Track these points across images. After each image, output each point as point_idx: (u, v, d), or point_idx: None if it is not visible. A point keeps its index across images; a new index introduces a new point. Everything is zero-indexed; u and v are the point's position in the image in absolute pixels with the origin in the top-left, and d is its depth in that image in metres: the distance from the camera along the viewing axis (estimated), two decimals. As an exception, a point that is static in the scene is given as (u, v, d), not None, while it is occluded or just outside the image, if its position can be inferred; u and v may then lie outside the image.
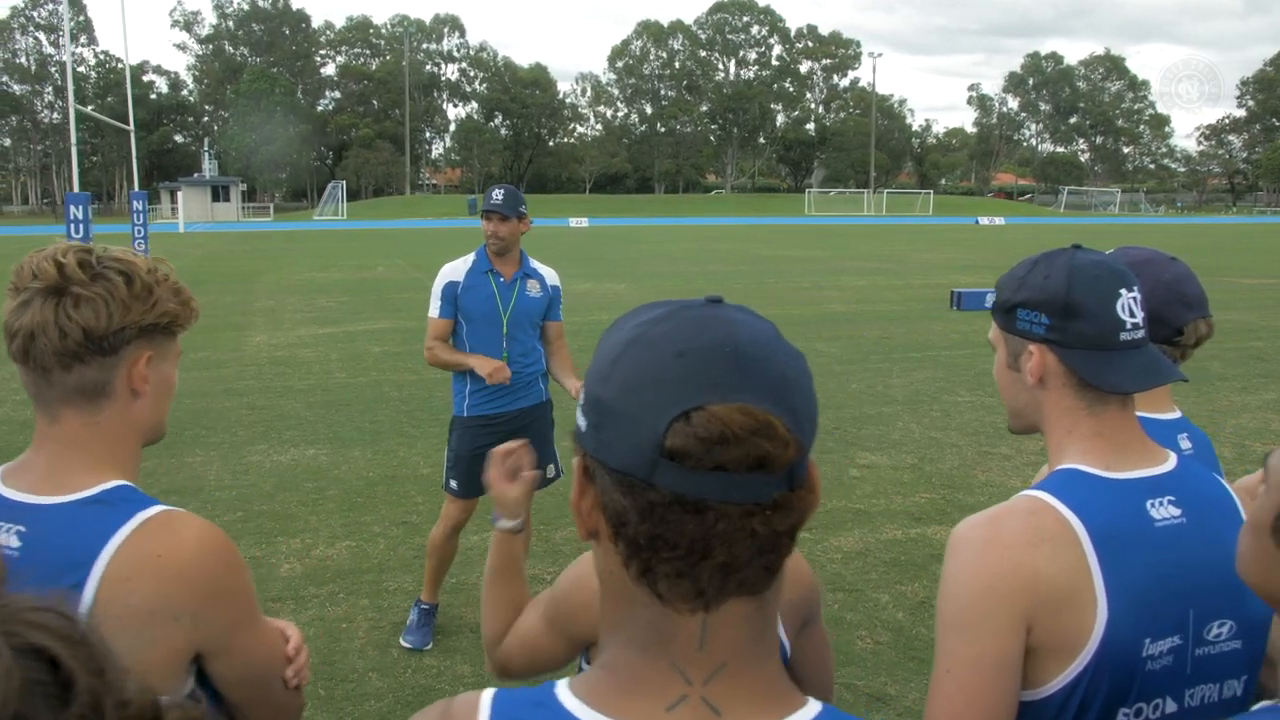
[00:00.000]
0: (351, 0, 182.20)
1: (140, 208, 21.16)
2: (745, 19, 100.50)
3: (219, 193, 68.01)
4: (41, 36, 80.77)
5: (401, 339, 12.86)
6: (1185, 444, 1.80)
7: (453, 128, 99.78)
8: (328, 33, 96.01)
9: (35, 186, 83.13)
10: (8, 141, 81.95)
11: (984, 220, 64.42)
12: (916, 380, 10.22)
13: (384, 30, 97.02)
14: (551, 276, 4.60)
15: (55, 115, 65.01)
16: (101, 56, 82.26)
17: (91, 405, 1.38)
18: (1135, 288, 1.41)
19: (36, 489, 1.36)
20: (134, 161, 24.06)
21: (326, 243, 38.45)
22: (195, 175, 70.95)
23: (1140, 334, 1.41)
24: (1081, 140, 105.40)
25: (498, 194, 4.39)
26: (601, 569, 0.85)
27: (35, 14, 79.60)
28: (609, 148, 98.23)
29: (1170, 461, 1.43)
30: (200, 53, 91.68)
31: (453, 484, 4.52)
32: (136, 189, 22.42)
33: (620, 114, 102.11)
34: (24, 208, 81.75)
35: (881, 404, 9.17)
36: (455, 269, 4.45)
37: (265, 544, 5.80)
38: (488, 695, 0.86)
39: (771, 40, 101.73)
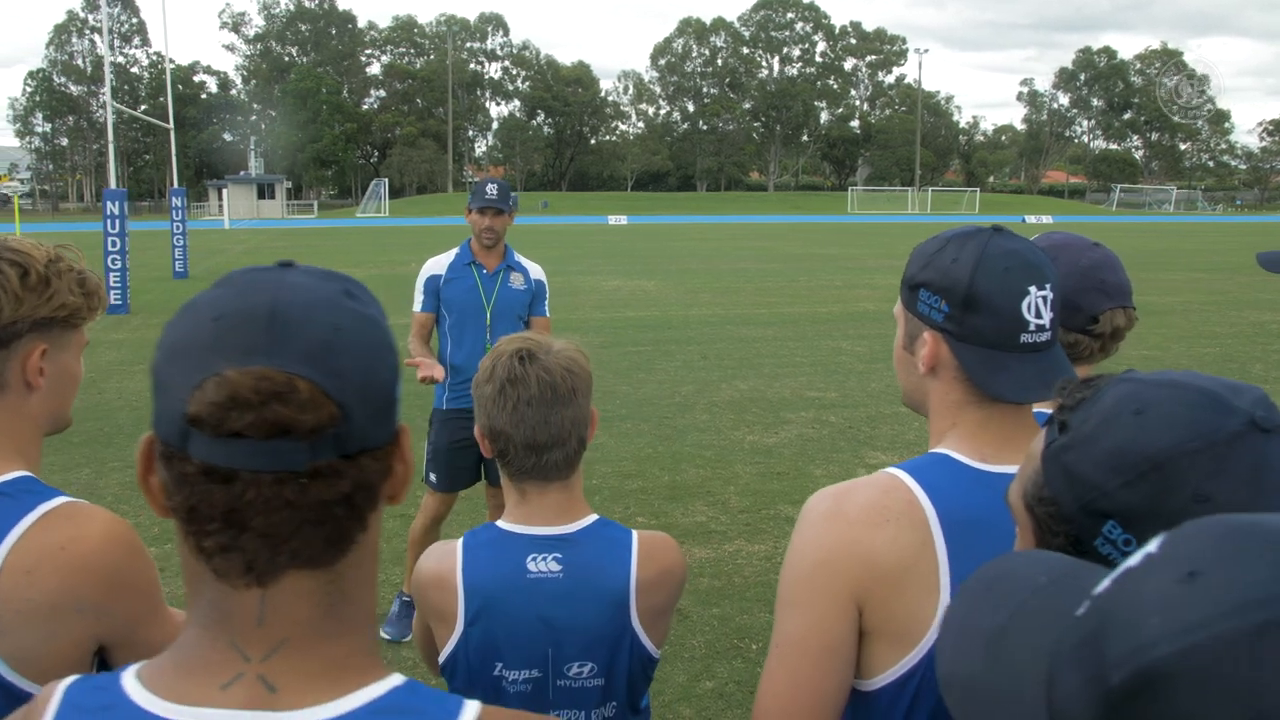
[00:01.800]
0: (397, 0, 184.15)
1: (179, 204, 21.45)
2: (789, 15, 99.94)
3: (264, 190, 68.99)
4: (97, 39, 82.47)
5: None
6: None
7: (495, 126, 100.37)
8: (373, 32, 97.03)
9: (90, 184, 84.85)
10: (65, 141, 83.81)
11: (1031, 219, 63.32)
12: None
13: (428, 29, 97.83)
14: (535, 271, 4.58)
15: (109, 115, 66.46)
16: (154, 58, 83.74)
17: None
18: (1049, 286, 1.30)
19: None
20: (174, 159, 24.24)
21: (365, 239, 38.86)
22: (241, 173, 72.02)
23: (1045, 336, 1.30)
24: (1136, 137, 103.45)
25: (492, 188, 4.40)
26: (180, 547, 0.81)
27: (91, 17, 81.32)
28: (651, 146, 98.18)
29: None
30: (248, 53, 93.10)
31: (432, 477, 4.53)
32: (176, 186, 22.68)
33: (662, 112, 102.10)
34: (79, 205, 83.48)
35: (900, 404, 9.01)
36: (438, 263, 4.47)
37: (263, 535, 5.84)
38: (63, 684, 0.82)
39: (815, 37, 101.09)
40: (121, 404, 8.99)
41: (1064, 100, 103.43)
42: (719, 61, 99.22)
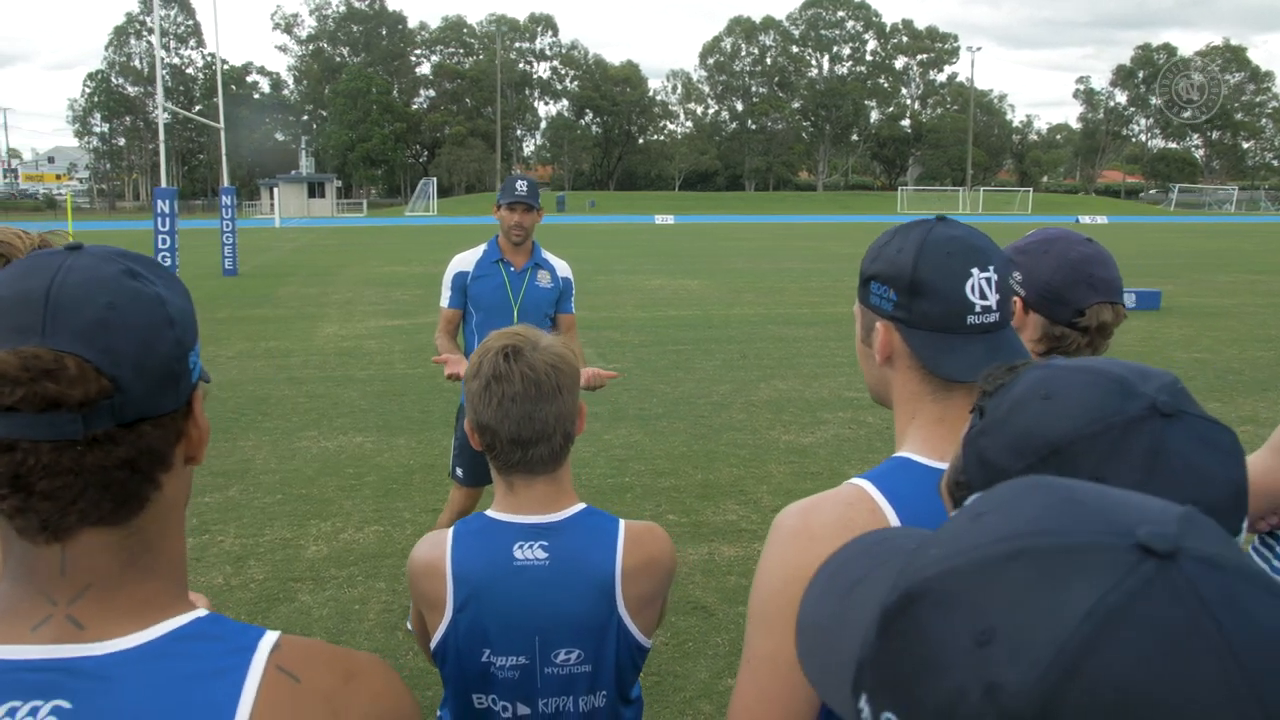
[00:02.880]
0: (447, 1, 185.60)
1: (229, 203, 21.83)
2: (839, 14, 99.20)
3: (315, 189, 69.99)
4: (154, 40, 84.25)
5: (466, 331, 13.03)
6: None
7: (544, 125, 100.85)
8: (423, 33, 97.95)
9: (146, 184, 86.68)
10: (121, 141, 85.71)
11: (1085, 219, 62.31)
12: (979, 379, 9.93)
13: (478, 29, 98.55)
14: (563, 268, 4.56)
15: (165, 116, 67.97)
16: (209, 59, 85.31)
17: None
18: (992, 268, 1.31)
19: None
20: (224, 159, 24.68)
21: (413, 238, 39.22)
22: (292, 172, 73.11)
23: (993, 317, 1.31)
24: (1196, 136, 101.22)
25: (522, 185, 4.38)
26: None
27: (148, 19, 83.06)
28: (699, 145, 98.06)
29: None
30: (300, 54, 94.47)
31: (459, 472, 4.54)
32: (226, 185, 23.08)
33: (710, 111, 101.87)
34: (135, 203, 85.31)
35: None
36: (465, 259, 4.46)
37: (297, 526, 5.93)
38: None
39: (866, 35, 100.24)
40: (167, 397, 9.16)
41: (1121, 98, 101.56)
42: (768, 60, 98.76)
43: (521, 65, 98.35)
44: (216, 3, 24.93)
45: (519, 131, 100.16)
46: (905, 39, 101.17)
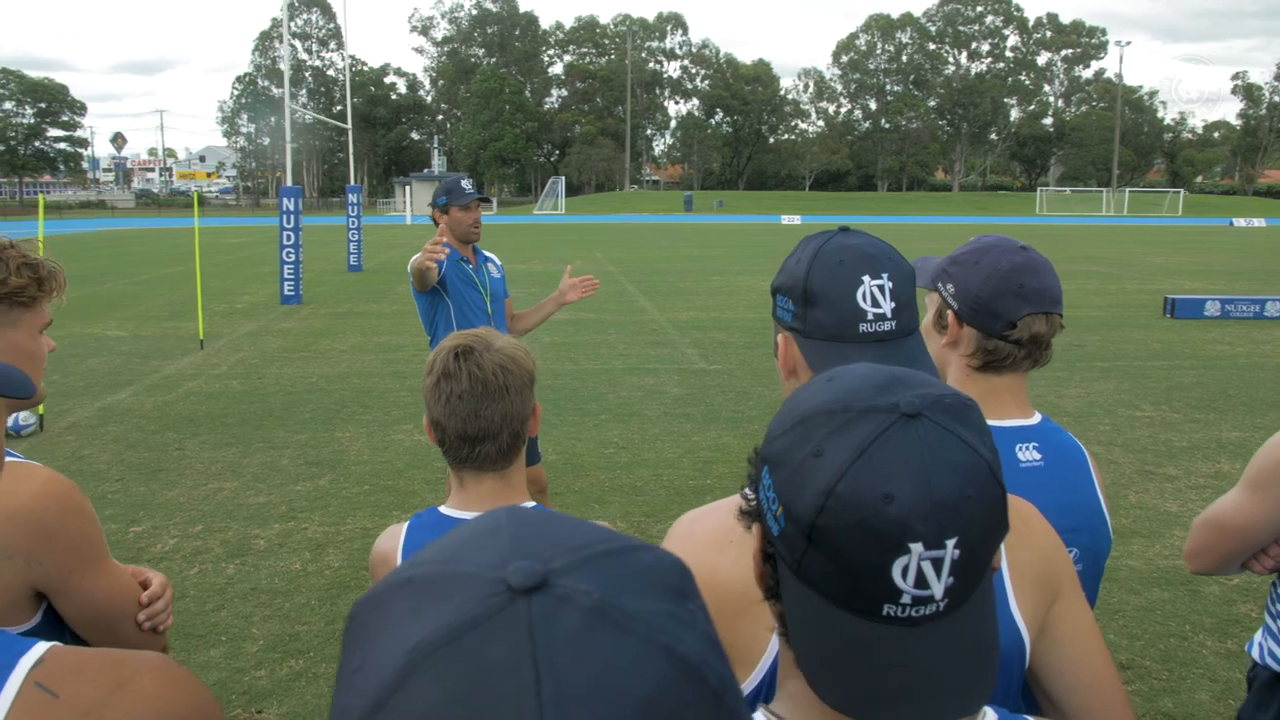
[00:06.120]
0: (578, 1, 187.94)
1: (355, 201, 22.61)
2: (979, 9, 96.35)
3: (447, 187, 71.87)
4: (297, 44, 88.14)
5: (572, 330, 13.12)
6: (1030, 455, 1.57)
7: (673, 124, 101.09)
8: (557, 33, 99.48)
9: (288, 181, 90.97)
10: (266, 140, 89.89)
11: (1240, 222, 58.80)
12: (1095, 391, 9.44)
13: (609, 29, 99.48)
14: (496, 258, 4.86)
15: (307, 116, 71.00)
16: (349, 60, 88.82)
17: None
18: (885, 275, 1.30)
19: None
20: (351, 158, 25.63)
21: (538, 236, 39.84)
22: (425, 171, 75.26)
23: (888, 325, 1.29)
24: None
25: (469, 184, 4.61)
26: None
27: (291, 24, 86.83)
28: (830, 144, 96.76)
29: None
30: (435, 55, 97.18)
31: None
32: (353, 183, 23.93)
33: (843, 110, 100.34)
34: (275, 201, 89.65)
35: (1046, 415, 8.51)
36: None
37: (379, 516, 6.03)
38: None
39: (1006, 31, 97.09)
40: (277, 389, 9.49)
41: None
42: (903, 58, 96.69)
43: (652, 64, 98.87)
44: (347, 6, 25.78)
45: (649, 131, 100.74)
46: (1049, 33, 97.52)
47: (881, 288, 1.29)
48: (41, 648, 0.89)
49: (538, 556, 0.50)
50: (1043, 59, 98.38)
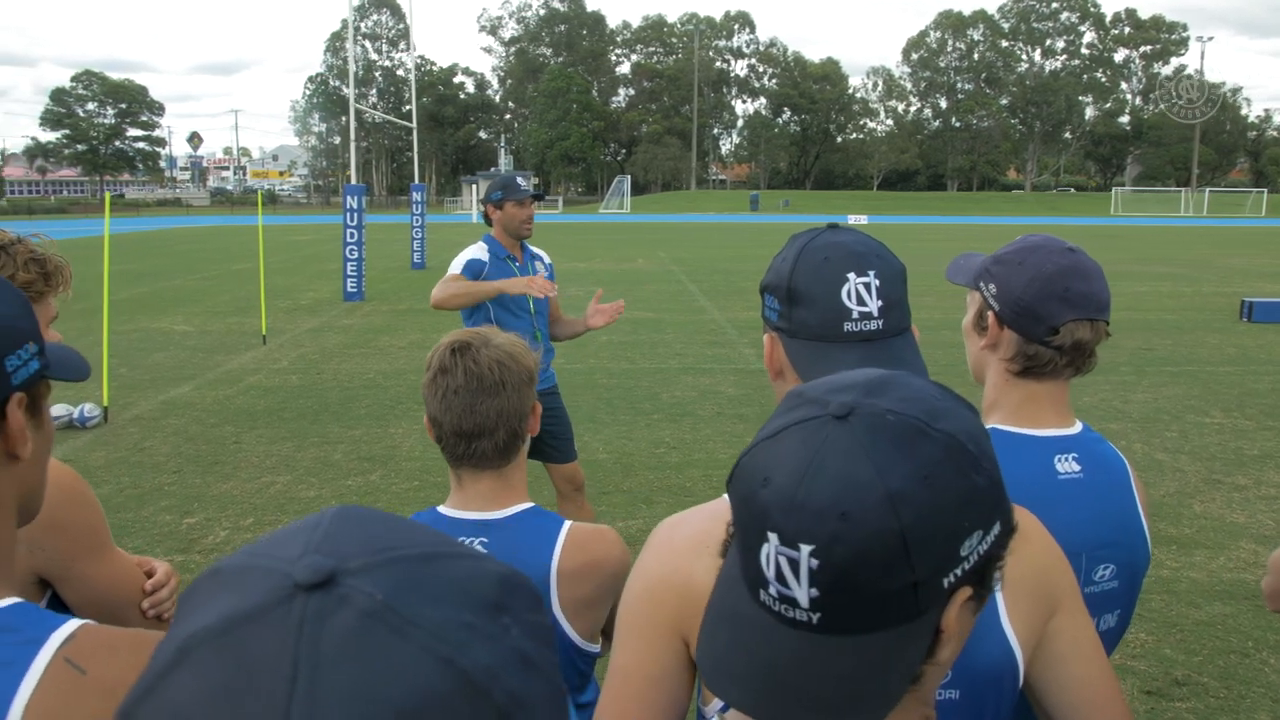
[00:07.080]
0: (645, 0, 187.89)
1: (419, 199, 22.91)
2: (1054, 5, 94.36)
3: (513, 186, 72.47)
4: (367, 44, 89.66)
5: (630, 329, 13.09)
6: (1068, 466, 1.48)
7: (740, 123, 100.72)
8: (624, 32, 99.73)
9: (357, 180, 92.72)
10: (336, 139, 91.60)
11: (1325, 223, 56.80)
12: (1163, 396, 9.14)
13: (676, 28, 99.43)
14: (545, 255, 4.79)
15: (377, 116, 72.26)
16: (418, 60, 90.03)
17: None
18: (872, 273, 1.26)
19: None
20: (415, 157, 26.00)
21: (602, 235, 39.92)
22: (491, 169, 75.97)
23: (874, 325, 1.25)
24: None
25: (524, 180, 4.58)
26: None
27: (362, 25, 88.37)
28: (899, 144, 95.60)
29: None
30: (503, 54, 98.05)
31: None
32: (417, 182, 24.25)
33: (913, 108, 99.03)
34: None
35: (1110, 420, 8.26)
36: (477, 250, 4.52)
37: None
38: None
39: (1082, 27, 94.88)
40: (335, 385, 9.62)
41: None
42: (975, 56, 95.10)
43: (719, 63, 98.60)
44: (414, 7, 26.10)
45: (715, 130, 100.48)
46: (1127, 29, 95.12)
47: (867, 285, 1.25)
48: (74, 624, 0.91)
49: (337, 554, 0.49)
50: (1120, 56, 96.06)
